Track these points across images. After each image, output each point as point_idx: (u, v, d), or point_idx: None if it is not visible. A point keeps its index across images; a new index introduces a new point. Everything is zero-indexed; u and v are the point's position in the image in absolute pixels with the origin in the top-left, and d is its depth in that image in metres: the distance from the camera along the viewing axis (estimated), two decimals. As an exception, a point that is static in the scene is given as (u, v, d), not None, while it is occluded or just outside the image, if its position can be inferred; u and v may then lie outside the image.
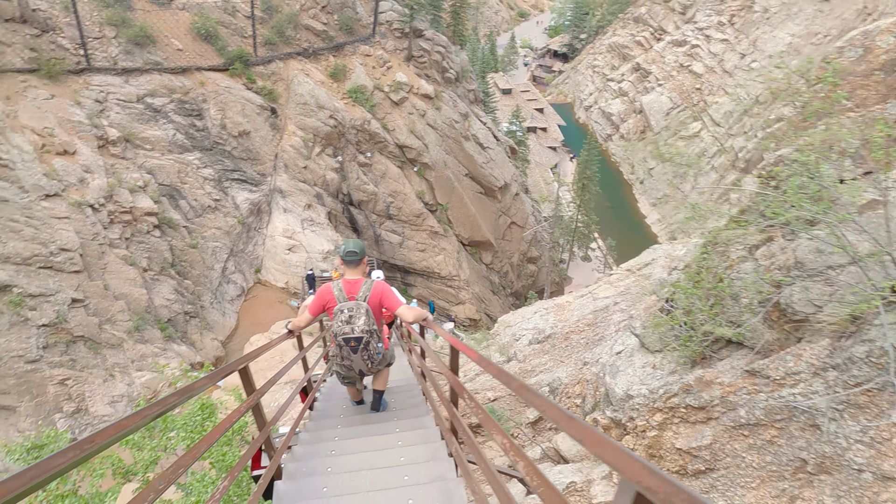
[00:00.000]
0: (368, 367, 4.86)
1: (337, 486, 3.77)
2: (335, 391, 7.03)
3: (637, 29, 67.31)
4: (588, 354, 7.00)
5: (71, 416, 16.47)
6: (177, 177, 22.98)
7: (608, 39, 72.01)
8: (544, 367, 8.02)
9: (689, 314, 4.81)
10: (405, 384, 7.12)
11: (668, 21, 63.35)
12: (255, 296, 24.42)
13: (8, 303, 16.08)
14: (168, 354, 19.01)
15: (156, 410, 2.20)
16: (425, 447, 4.40)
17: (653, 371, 5.66)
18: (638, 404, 5.38)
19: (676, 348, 5.21)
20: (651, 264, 9.94)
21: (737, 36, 54.59)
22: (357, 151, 28.53)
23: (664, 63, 60.38)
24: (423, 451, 4.31)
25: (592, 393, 6.90)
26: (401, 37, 31.52)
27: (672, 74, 58.86)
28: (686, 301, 4.90)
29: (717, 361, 4.76)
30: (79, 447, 1.66)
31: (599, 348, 7.62)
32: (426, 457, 4.19)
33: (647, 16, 65.76)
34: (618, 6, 76.08)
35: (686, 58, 58.01)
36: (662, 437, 4.99)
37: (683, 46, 58.91)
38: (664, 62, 60.46)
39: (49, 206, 17.90)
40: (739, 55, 53.31)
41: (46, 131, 19.29)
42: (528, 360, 8.47)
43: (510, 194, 35.67)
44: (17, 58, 20.22)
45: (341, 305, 4.68)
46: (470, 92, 36.31)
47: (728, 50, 54.61)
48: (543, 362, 8.03)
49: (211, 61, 25.28)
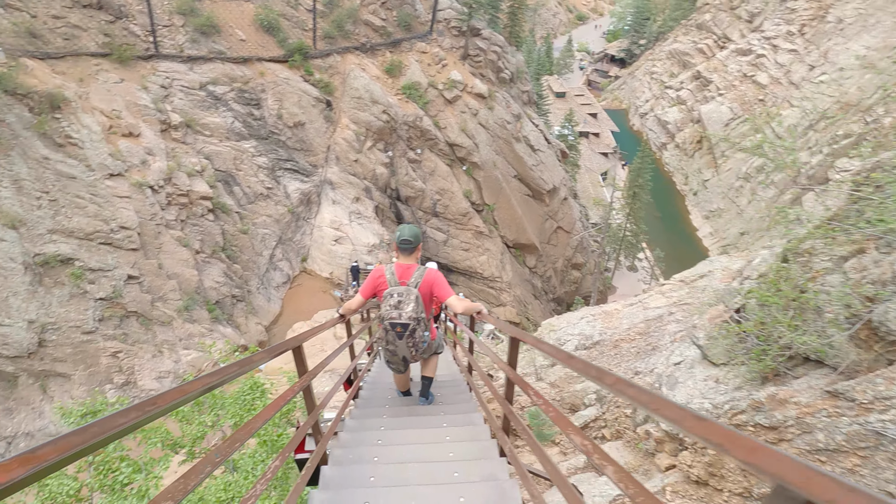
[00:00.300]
0: (412, 354, 4.78)
1: (385, 476, 3.65)
2: (380, 381, 6.95)
3: (700, 36, 65.27)
4: (640, 364, 6.65)
5: (120, 387, 17.07)
6: (232, 163, 23.56)
7: (668, 46, 70.13)
8: (593, 373, 7.82)
9: (763, 326, 4.48)
10: (450, 379, 6.99)
11: (733, 29, 61.18)
12: (299, 284, 24.80)
13: (70, 275, 16.80)
14: (214, 335, 19.48)
15: (216, 379, 2.13)
16: (474, 444, 4.25)
17: (716, 385, 5.33)
18: (699, 419, 5.06)
19: (745, 362, 4.88)
20: (707, 276, 9.50)
21: (806, 47, 52.20)
22: (407, 147, 28.62)
23: (726, 72, 58.29)
24: (472, 449, 4.15)
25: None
26: (458, 35, 31.47)
27: (734, 84, 56.77)
28: (761, 312, 4.57)
29: (793, 379, 4.42)
30: (140, 408, 1.58)
31: (654, 358, 7.27)
32: (476, 454, 4.03)
33: (712, 23, 63.66)
34: (680, 12, 73.96)
35: (750, 67, 55.86)
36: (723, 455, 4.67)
37: (748, 56, 56.73)
38: (726, 71, 58.37)
39: (112, 185, 18.61)
40: (808, 67, 50.95)
41: (114, 113, 20.08)
42: (576, 365, 8.28)
43: (558, 198, 35.13)
44: (91, 42, 21.13)
45: (391, 289, 4.62)
46: (524, 93, 35.94)
47: (796, 61, 52.28)
48: None
49: (271, 52, 25.82)
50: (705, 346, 5.65)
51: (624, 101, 74.30)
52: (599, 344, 7.66)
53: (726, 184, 53.64)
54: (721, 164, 54.76)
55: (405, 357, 4.82)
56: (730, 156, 54.52)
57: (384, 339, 4.71)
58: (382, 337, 4.72)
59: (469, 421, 4.90)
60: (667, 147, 61.81)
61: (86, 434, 1.31)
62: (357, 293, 5.01)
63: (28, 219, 16.44)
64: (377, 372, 7.62)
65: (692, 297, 8.93)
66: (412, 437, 4.51)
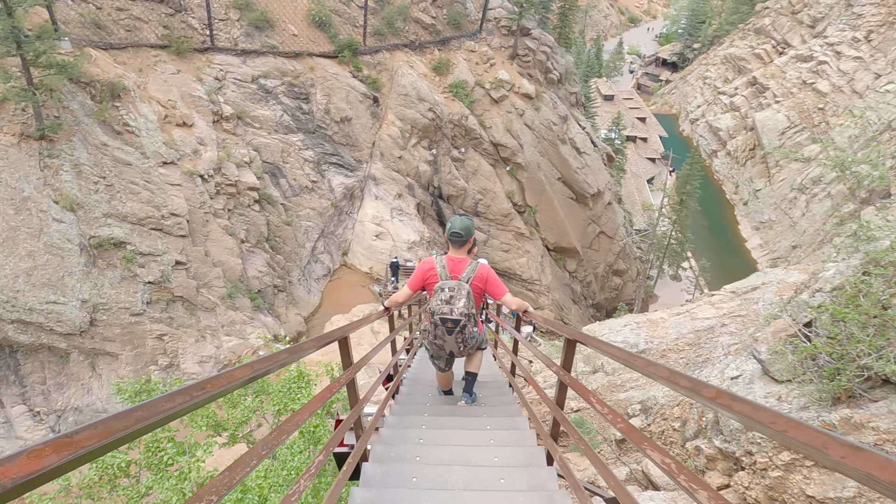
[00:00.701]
0: (460, 349, 4.65)
1: (428, 477, 3.52)
2: (420, 378, 6.84)
3: (757, 41, 62.95)
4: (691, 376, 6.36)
5: (164, 369, 17.54)
6: (280, 156, 23.95)
7: (724, 50, 67.90)
8: (635, 382, 7.39)
9: (839, 343, 4.15)
10: (492, 379, 6.82)
11: (793, 34, 58.78)
12: (339, 277, 25.02)
13: (121, 258, 17.36)
14: (255, 323, 19.82)
15: (266, 366, 2.03)
16: (520, 450, 4.07)
17: (778, 403, 5.00)
18: (759, 438, 4.76)
19: (814, 380, 4.55)
20: (760, 288, 9.02)
21: (873, 54, 49.69)
22: (451, 146, 28.53)
23: (784, 79, 56.03)
24: (518, 454, 3.98)
25: (696, 418, 6.27)
26: (507, 34, 31.19)
27: (792, 91, 54.52)
28: (835, 328, 4.24)
29: (870, 402, 4.08)
30: (187, 393, 1.47)
31: (706, 371, 6.92)
32: (522, 461, 3.86)
33: (771, 27, 61.32)
34: (738, 16, 71.44)
35: (810, 74, 53.55)
36: (789, 479, 4.36)
37: (809, 62, 54.40)
38: (784, 78, 56.10)
39: (165, 173, 19.14)
40: (874, 75, 48.51)
41: (170, 103, 20.66)
42: (617, 373, 7.90)
43: (602, 202, 34.42)
44: (151, 34, 21.82)
45: (443, 284, 4.46)
46: (572, 95, 35.36)
47: (861, 69, 49.83)
48: (634, 378, 7.40)
49: (322, 48, 26.13)
50: (767, 360, 5.32)
51: (674, 106, 72.38)
52: (645, 353, 7.33)
53: (779, 194, 51.61)
54: (774, 173, 52.74)
55: (452, 352, 4.69)
56: (784, 165, 52.45)
57: (432, 333, 4.58)
58: (430, 331, 4.60)
59: (514, 425, 4.73)
60: (717, 154, 59.89)
61: (129, 419, 1.18)
62: (404, 285, 4.88)
63: (85, 202, 17.06)
64: (417, 369, 7.50)
65: (744, 309, 8.49)
66: (455, 438, 4.36)
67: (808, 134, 51.30)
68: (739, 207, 54.42)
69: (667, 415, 7.22)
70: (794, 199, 50.07)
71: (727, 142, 58.96)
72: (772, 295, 8.97)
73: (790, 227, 49.60)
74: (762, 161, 54.59)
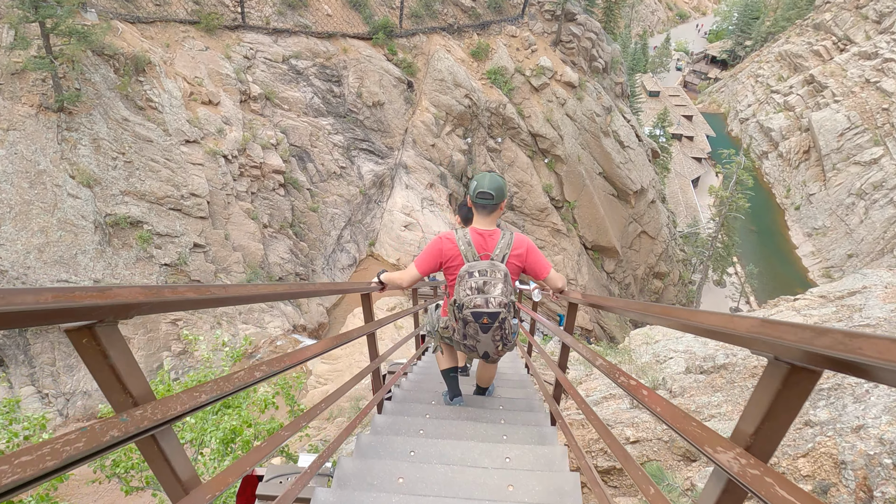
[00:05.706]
0: (498, 349, 3.35)
1: None
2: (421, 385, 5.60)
3: (816, 37, 59.41)
4: (820, 413, 3.89)
5: (177, 356, 16.80)
6: (308, 139, 23.06)
7: (779, 47, 64.44)
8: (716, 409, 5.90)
9: None
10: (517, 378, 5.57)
11: (857, 30, 55.19)
12: (365, 268, 24.02)
13: (138, 237, 16.67)
14: (274, 312, 18.96)
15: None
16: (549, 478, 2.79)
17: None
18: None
19: None
20: (862, 293, 7.42)
21: (945, 51, 46.13)
22: (487, 135, 27.20)
23: (845, 77, 52.62)
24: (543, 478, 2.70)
25: (859, 481, 3.65)
26: (550, 19, 29.64)
27: (853, 91, 51.12)
28: None
29: None
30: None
31: (850, 408, 4.72)
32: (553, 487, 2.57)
33: (832, 23, 57.72)
34: (795, 11, 67.75)
35: (875, 73, 50.10)
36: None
37: (873, 60, 50.92)
38: (845, 76, 52.69)
39: (187, 152, 18.40)
40: (946, 74, 44.99)
41: (196, 80, 19.94)
42: (687, 393, 6.40)
43: (645, 200, 32.56)
44: (181, 9, 21.17)
45: (471, 266, 3.17)
46: (617, 85, 33.53)
47: (932, 67, 46.34)
48: (715, 403, 5.84)
49: (356, 29, 25.14)
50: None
51: (723, 105, 69.22)
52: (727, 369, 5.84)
53: (835, 200, 48.54)
54: (831, 177, 49.60)
55: (487, 353, 3.38)
56: (842, 169, 49.26)
57: (461, 332, 3.28)
58: (458, 330, 3.29)
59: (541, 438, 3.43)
60: (768, 156, 56.84)
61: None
62: (411, 264, 3.52)
63: (103, 178, 16.41)
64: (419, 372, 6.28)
65: (840, 315, 6.92)
66: (467, 476, 3.08)
67: (870, 136, 48.03)
68: (791, 212, 51.49)
69: (784, 466, 5.75)
70: (851, 204, 47.03)
71: (779, 143, 55.87)
72: (878, 300, 7.26)
73: (846, 235, 46.59)
74: (817, 164, 51.48)
